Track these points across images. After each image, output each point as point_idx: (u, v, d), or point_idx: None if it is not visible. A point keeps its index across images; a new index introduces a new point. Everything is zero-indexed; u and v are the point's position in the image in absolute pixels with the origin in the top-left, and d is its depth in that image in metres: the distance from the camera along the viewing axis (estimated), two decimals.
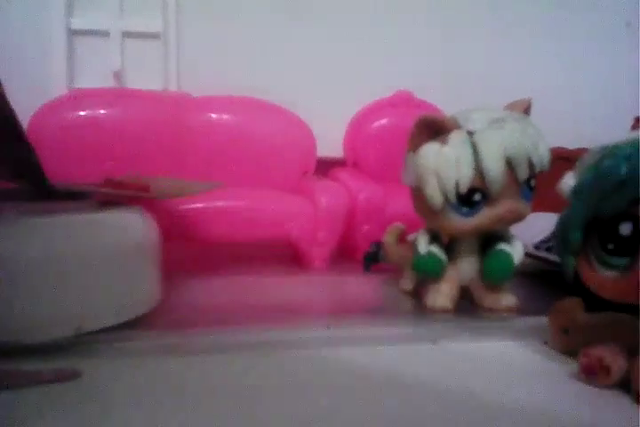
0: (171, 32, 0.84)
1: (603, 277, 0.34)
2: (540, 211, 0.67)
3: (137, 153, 0.69)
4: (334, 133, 0.84)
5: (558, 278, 0.42)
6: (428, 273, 0.52)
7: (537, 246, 0.61)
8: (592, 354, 0.35)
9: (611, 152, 0.33)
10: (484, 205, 0.47)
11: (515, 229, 0.57)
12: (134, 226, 0.46)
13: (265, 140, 0.75)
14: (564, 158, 0.78)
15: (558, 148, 0.77)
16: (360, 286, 0.63)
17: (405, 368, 0.39)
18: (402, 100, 0.84)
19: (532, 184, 0.47)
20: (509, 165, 0.45)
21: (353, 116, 0.85)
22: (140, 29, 0.83)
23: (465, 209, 0.47)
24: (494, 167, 0.44)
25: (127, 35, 0.82)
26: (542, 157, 0.46)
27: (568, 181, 0.39)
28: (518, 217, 0.48)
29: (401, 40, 0.90)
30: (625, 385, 0.35)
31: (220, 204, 0.64)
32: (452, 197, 0.46)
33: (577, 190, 0.36)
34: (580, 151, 0.81)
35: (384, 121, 0.83)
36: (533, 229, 0.62)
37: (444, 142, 0.46)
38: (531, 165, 0.45)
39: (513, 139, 0.44)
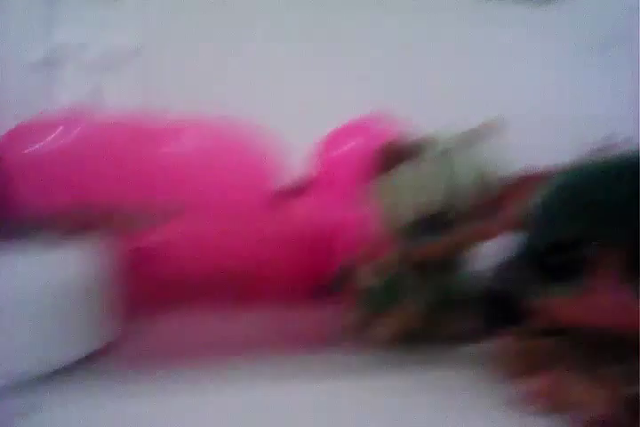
0: (150, 48, 0.83)
1: (559, 302, 0.34)
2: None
3: (96, 181, 0.69)
4: (306, 154, 0.84)
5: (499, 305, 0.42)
6: (376, 307, 0.52)
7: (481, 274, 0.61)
8: (533, 382, 0.36)
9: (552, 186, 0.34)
10: (452, 227, 0.47)
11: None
12: (82, 265, 0.46)
13: (229, 164, 0.75)
14: (534, 179, 0.78)
15: (527, 169, 0.77)
16: (315, 317, 0.62)
17: (357, 400, 0.40)
18: (372, 122, 0.84)
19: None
20: (478, 187, 0.46)
21: (324, 137, 0.84)
22: (118, 45, 0.83)
23: (434, 231, 0.47)
24: (464, 189, 0.45)
25: (106, 52, 0.82)
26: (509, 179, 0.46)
27: None
28: (485, 238, 0.49)
29: (372, 58, 0.90)
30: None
31: (176, 236, 0.64)
32: (422, 218, 0.47)
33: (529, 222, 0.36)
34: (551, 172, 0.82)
35: (355, 142, 0.82)
36: (497, 251, 0.62)
37: (414, 166, 0.47)
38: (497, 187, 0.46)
39: (481, 162, 0.46)
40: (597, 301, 0.31)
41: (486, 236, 0.47)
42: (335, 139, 0.83)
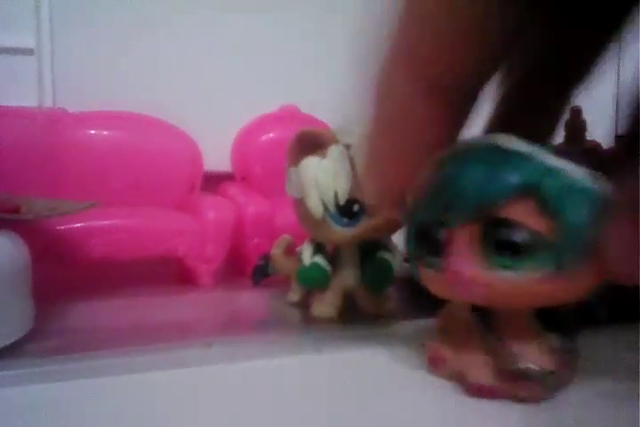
0: (45, 47, 0.81)
1: (429, 275, 0.36)
2: None
3: (7, 172, 0.66)
4: (222, 147, 0.84)
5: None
6: (312, 284, 0.53)
7: None
8: (432, 346, 0.39)
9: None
10: (363, 216, 0.48)
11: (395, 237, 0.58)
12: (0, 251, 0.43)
13: (146, 155, 0.74)
14: None
15: None
16: (248, 300, 0.63)
17: (290, 381, 0.39)
18: (287, 115, 0.85)
19: None
20: None
21: (240, 130, 0.85)
22: (12, 45, 0.80)
23: (345, 220, 0.48)
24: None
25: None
26: None
27: None
28: (395, 226, 0.50)
29: (287, 54, 0.91)
30: None
31: (99, 223, 0.62)
32: (332, 209, 0.47)
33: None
34: None
35: (271, 135, 0.83)
36: None
37: (322, 156, 0.48)
38: None
39: None
40: (449, 275, 0.33)
41: (397, 225, 0.49)
42: (248, 132, 0.83)
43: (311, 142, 0.49)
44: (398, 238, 0.54)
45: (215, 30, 0.89)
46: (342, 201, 0.47)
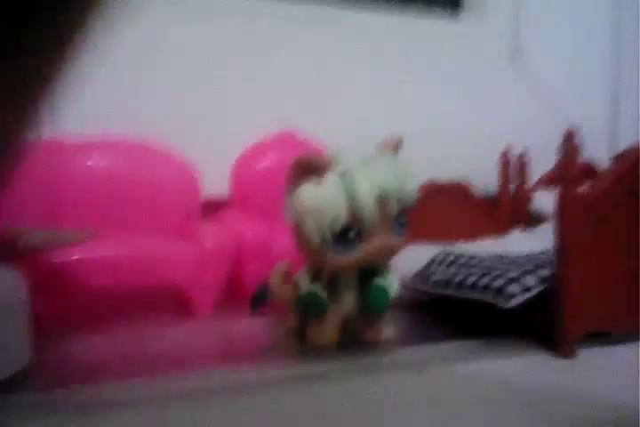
0: None
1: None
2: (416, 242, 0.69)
3: (8, 203, 0.66)
4: (220, 174, 0.84)
5: (433, 307, 0.43)
6: (310, 312, 0.53)
7: (413, 279, 0.63)
8: None
9: None
10: (359, 242, 0.49)
11: (393, 263, 0.59)
12: None
13: (144, 184, 0.74)
14: (438, 191, 0.82)
15: (431, 181, 0.81)
16: (246, 328, 0.62)
17: (289, 409, 0.39)
18: (285, 140, 0.85)
19: (403, 220, 0.49)
20: (380, 203, 0.47)
21: (238, 156, 0.85)
22: None
23: (341, 247, 0.49)
24: (366, 206, 0.46)
25: None
26: (411, 194, 0.49)
27: None
28: (391, 251, 0.51)
29: (285, 81, 0.92)
30: None
31: (97, 254, 0.61)
32: (328, 236, 0.48)
33: None
34: (454, 183, 0.86)
35: (268, 161, 0.83)
36: (410, 262, 0.65)
37: (318, 183, 0.48)
38: (400, 202, 0.48)
39: (382, 178, 0.47)
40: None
41: (392, 250, 0.51)
42: (248, 157, 0.84)
43: (307, 169, 0.49)
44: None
45: (213, 58, 0.90)
46: (338, 229, 0.47)
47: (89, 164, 0.73)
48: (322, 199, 0.48)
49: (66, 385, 0.44)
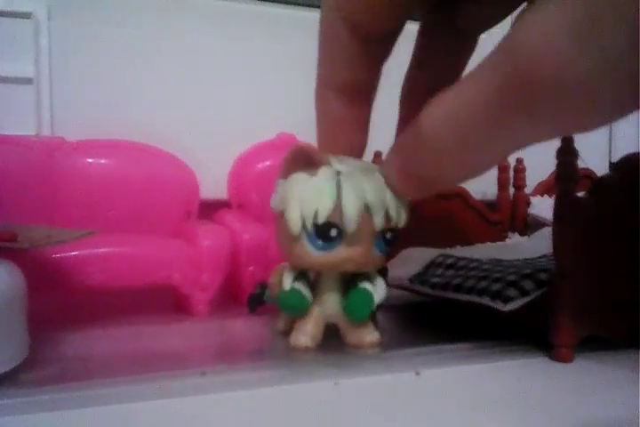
0: (43, 77, 0.82)
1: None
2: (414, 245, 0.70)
3: (4, 200, 0.66)
4: (219, 175, 0.84)
5: (430, 309, 0.43)
6: (290, 310, 0.53)
7: (411, 280, 0.63)
8: None
9: None
10: (339, 245, 0.47)
11: (391, 264, 0.58)
12: None
13: (143, 184, 0.74)
14: (436, 195, 0.82)
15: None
16: (243, 329, 0.63)
17: (283, 409, 0.39)
18: (284, 143, 0.85)
19: (388, 237, 0.48)
20: (368, 210, 0.45)
21: (236, 157, 0.85)
22: (11, 74, 0.81)
23: (320, 242, 0.47)
24: (352, 206, 0.45)
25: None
26: (400, 212, 0.46)
27: None
28: (365, 264, 0.49)
29: (286, 82, 0.92)
30: None
31: (95, 251, 0.62)
32: (310, 225, 0.46)
33: None
34: (453, 189, 0.86)
35: (267, 163, 0.84)
36: (408, 263, 0.65)
37: (312, 174, 0.47)
38: (388, 218, 0.46)
39: (375, 187, 0.45)
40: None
41: (367, 263, 0.49)
42: (244, 160, 0.84)
43: (304, 160, 0.48)
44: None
45: (214, 59, 0.91)
46: (321, 220, 0.46)
47: (88, 163, 0.73)
48: (313, 188, 0.46)
49: (61, 382, 0.43)
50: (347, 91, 0.43)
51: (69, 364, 0.49)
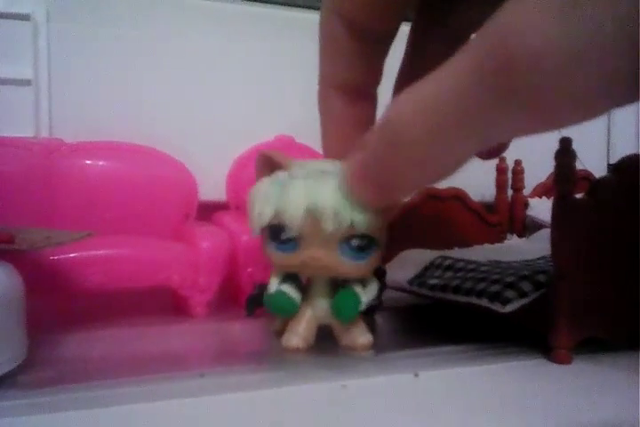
0: (42, 78, 0.82)
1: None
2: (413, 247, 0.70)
3: (2, 202, 0.66)
4: (217, 177, 0.84)
5: (429, 311, 0.43)
6: (279, 312, 0.53)
7: (410, 281, 0.63)
8: None
9: None
10: (298, 247, 0.47)
11: (389, 266, 0.58)
12: None
13: (141, 185, 0.74)
14: (434, 197, 0.82)
15: (427, 187, 0.81)
16: (242, 330, 0.62)
17: (280, 411, 0.39)
18: (283, 145, 0.85)
19: (354, 244, 0.46)
20: (311, 216, 0.44)
21: (235, 159, 0.85)
22: (9, 76, 0.81)
23: (275, 244, 0.48)
24: (293, 209, 0.44)
25: None
26: (360, 218, 0.43)
27: None
28: (333, 268, 0.48)
29: (285, 84, 0.93)
30: None
31: (93, 253, 0.62)
32: (256, 229, 0.48)
33: None
34: (451, 190, 0.86)
35: None
36: (407, 265, 0.65)
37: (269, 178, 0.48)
38: (352, 225, 0.44)
39: (327, 191, 0.44)
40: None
41: (327, 267, 0.49)
42: (242, 162, 0.84)
43: (269, 165, 0.49)
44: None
45: (213, 60, 0.91)
46: (264, 223, 0.47)
47: (86, 165, 0.73)
48: (258, 191, 0.47)
49: (59, 383, 0.43)
50: (347, 90, 0.44)
51: (68, 365, 0.49)
